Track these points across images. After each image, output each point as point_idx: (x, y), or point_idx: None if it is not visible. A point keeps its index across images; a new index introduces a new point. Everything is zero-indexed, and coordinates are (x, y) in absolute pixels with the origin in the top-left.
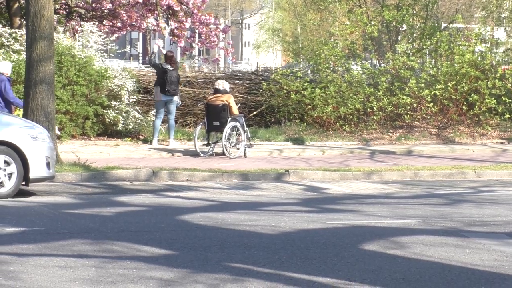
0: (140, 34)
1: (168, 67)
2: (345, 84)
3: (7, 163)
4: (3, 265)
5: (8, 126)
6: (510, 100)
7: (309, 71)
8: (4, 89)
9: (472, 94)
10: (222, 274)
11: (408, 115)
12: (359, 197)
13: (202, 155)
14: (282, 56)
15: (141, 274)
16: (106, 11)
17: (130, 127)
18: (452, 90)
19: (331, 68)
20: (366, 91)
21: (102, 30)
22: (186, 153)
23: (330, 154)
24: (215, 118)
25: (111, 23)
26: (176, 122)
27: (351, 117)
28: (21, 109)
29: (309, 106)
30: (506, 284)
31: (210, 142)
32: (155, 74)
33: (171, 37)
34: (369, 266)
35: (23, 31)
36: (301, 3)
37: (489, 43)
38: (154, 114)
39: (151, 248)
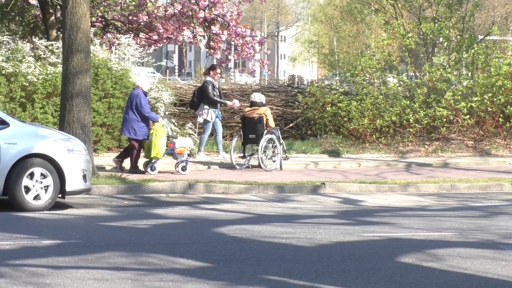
0: (176, 46)
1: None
2: (381, 96)
3: (43, 176)
4: (40, 278)
5: (45, 139)
6: None
7: (344, 84)
8: (140, 103)
9: (509, 107)
10: (258, 286)
11: (444, 128)
12: (395, 209)
13: (238, 167)
14: (318, 69)
15: (177, 287)
16: (142, 23)
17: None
18: (488, 102)
19: (367, 80)
20: (402, 103)
21: (139, 43)
22: (222, 165)
23: (366, 167)
24: (251, 130)
25: (147, 36)
26: (211, 134)
27: (387, 129)
28: (155, 123)
29: (345, 119)
30: None
31: (246, 154)
32: (191, 86)
33: (207, 50)
34: (406, 279)
35: (59, 44)
36: (338, 15)
37: None
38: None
39: (187, 260)
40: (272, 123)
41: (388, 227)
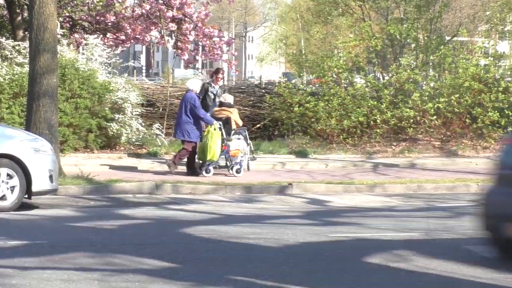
0: (144, 47)
1: None
2: (348, 97)
3: (9, 176)
4: (6, 279)
5: (11, 139)
6: None
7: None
8: (195, 106)
9: (476, 107)
10: (225, 287)
11: (411, 128)
12: (362, 210)
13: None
14: (286, 69)
15: (143, 287)
16: (109, 24)
17: (134, 140)
18: (455, 103)
19: (335, 81)
20: (369, 104)
21: (106, 43)
22: None
23: (333, 167)
24: None
25: (114, 36)
26: None
27: (354, 130)
28: (210, 126)
29: (313, 119)
30: None
31: None
32: (158, 86)
33: (174, 50)
34: (372, 279)
35: (26, 44)
36: (306, 16)
37: (492, 57)
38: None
39: (154, 261)
40: (239, 122)
41: (355, 228)
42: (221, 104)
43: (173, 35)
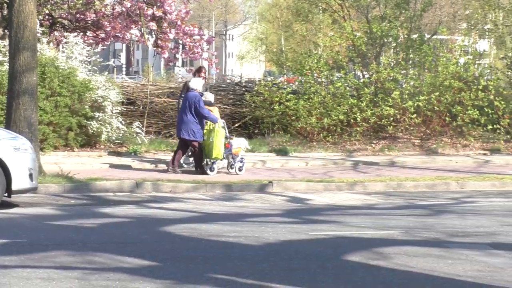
0: (124, 45)
1: None
2: (329, 95)
3: None
4: None
5: None
6: (493, 112)
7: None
8: (199, 105)
9: (455, 106)
10: (205, 285)
11: (391, 126)
12: (343, 208)
13: (185, 166)
14: (266, 67)
15: (124, 286)
16: (89, 22)
17: (114, 138)
18: (435, 101)
19: (315, 80)
20: (349, 102)
21: (86, 41)
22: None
23: (313, 165)
24: None
25: (94, 34)
26: (159, 133)
27: (334, 128)
28: (215, 124)
29: (293, 117)
30: None
31: None
32: (138, 84)
33: (154, 48)
34: (352, 277)
35: (6, 42)
36: (286, 14)
37: (472, 55)
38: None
39: (134, 259)
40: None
41: (335, 226)
42: None
43: (153, 33)
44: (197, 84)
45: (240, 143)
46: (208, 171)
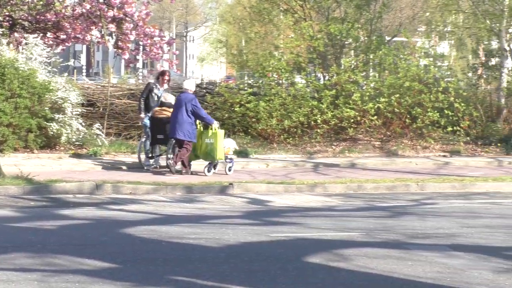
0: (84, 46)
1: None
2: (289, 97)
3: None
4: None
5: None
6: (453, 113)
7: (250, 82)
8: (196, 106)
9: (416, 108)
10: (166, 287)
11: (352, 128)
12: (303, 209)
13: (146, 168)
14: (227, 69)
15: None
16: (50, 23)
17: (74, 140)
18: (395, 103)
19: (276, 81)
20: (310, 104)
21: (46, 43)
22: (130, 166)
23: (274, 167)
24: (159, 131)
25: (55, 35)
26: (120, 135)
27: (295, 130)
28: (213, 126)
29: (254, 119)
30: None
31: (154, 155)
32: (99, 86)
33: (115, 50)
34: (313, 279)
35: None
36: (246, 15)
37: (433, 57)
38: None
39: (94, 261)
40: None
41: (295, 227)
42: (162, 104)
43: (113, 34)
44: (189, 84)
45: (229, 144)
46: (206, 172)
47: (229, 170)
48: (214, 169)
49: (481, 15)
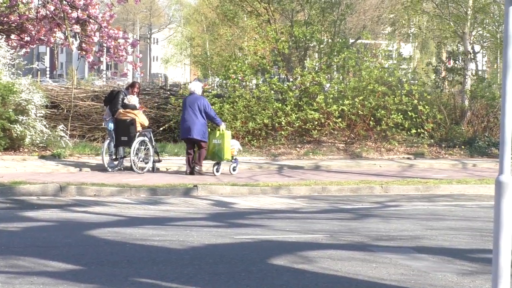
0: (48, 48)
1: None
2: (253, 99)
3: None
4: None
5: None
6: (417, 116)
7: (216, 86)
8: (208, 107)
9: (379, 110)
10: None
11: (316, 130)
12: (267, 212)
13: (110, 170)
14: (191, 71)
15: None
16: (13, 25)
17: (38, 141)
18: (359, 105)
19: (240, 83)
20: (274, 106)
21: (10, 44)
22: (94, 168)
23: (238, 169)
24: (123, 133)
25: (18, 37)
26: (84, 136)
27: (259, 132)
28: (220, 126)
29: None
30: None
31: (118, 157)
32: (63, 88)
33: (79, 52)
34: (277, 281)
35: None
36: (210, 17)
37: (397, 60)
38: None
39: (58, 263)
40: (145, 123)
41: (260, 230)
42: (125, 106)
43: (77, 36)
44: (196, 86)
45: (233, 145)
46: (215, 172)
47: (234, 170)
48: (218, 169)
49: (445, 17)
